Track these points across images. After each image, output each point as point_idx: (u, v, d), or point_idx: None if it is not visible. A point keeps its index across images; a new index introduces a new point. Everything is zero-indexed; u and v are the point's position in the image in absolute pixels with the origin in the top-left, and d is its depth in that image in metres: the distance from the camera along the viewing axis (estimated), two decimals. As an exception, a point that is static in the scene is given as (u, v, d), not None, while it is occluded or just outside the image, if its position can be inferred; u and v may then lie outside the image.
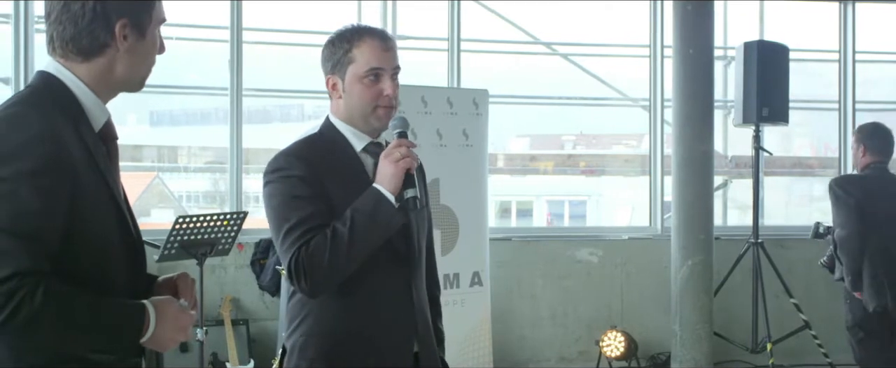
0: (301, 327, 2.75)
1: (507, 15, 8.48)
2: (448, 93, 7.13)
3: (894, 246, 5.46)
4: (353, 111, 2.77)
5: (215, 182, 8.58)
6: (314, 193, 2.65)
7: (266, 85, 8.32)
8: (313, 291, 2.63)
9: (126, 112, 8.72)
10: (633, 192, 9.07)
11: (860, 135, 5.71)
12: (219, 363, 7.03)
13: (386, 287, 2.77)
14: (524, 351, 8.06)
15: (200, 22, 8.07)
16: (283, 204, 2.66)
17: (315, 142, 2.78)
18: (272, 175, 2.71)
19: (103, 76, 2.24)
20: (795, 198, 9.88)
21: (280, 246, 2.67)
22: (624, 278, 8.25)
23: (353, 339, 2.73)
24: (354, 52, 2.73)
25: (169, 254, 5.98)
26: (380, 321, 2.76)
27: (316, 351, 2.72)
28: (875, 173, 5.56)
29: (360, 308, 2.72)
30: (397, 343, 2.81)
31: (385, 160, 2.66)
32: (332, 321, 2.72)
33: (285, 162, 2.70)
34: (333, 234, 2.58)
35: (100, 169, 2.16)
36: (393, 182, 2.63)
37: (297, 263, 2.59)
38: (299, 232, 2.61)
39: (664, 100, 8.51)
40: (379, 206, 2.62)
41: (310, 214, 2.62)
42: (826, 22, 9.05)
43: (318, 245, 2.58)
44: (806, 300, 7.92)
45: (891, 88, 9.67)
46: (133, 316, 2.15)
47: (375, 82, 2.74)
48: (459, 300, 6.88)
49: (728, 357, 8.11)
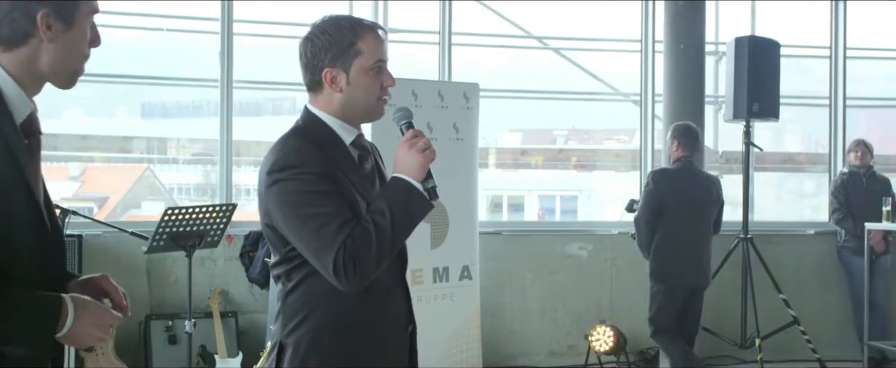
0: (307, 322, 2.69)
1: (498, 9, 8.48)
2: (439, 87, 7.12)
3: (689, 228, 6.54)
4: (356, 104, 2.74)
5: (206, 174, 8.57)
6: (333, 188, 2.60)
7: (258, 77, 8.31)
8: (361, 284, 2.58)
9: (116, 104, 8.72)
10: (624, 187, 9.07)
11: (675, 133, 6.65)
12: (207, 355, 7.02)
13: (386, 281, 2.76)
14: (514, 346, 8.07)
15: (192, 13, 8.05)
16: (307, 201, 2.59)
17: (308, 137, 2.74)
18: (283, 173, 2.62)
19: (27, 67, 2.16)
20: (785, 194, 9.90)
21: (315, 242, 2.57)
22: (614, 273, 8.26)
23: (363, 332, 2.71)
24: (360, 45, 2.70)
25: (158, 246, 5.97)
26: (384, 313, 2.76)
27: (328, 348, 2.69)
28: (683, 166, 6.60)
29: (366, 302, 2.70)
30: (399, 334, 2.83)
31: (410, 150, 2.63)
32: (342, 315, 2.69)
33: (296, 159, 2.63)
34: (376, 226, 2.55)
35: (14, 160, 2.09)
36: (419, 172, 2.62)
37: (345, 257, 2.52)
38: (336, 225, 2.54)
39: (655, 95, 8.52)
40: (411, 196, 2.61)
41: (339, 208, 2.57)
42: (817, 18, 9.07)
43: (362, 237, 2.54)
44: (795, 296, 7.93)
45: (881, 85, 9.70)
46: (49, 309, 2.08)
47: (379, 74, 2.74)
48: (449, 293, 6.88)
49: (717, 353, 8.13)
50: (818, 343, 7.79)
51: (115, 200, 9.46)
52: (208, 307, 7.17)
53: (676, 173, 6.64)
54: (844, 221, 8.25)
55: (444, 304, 6.84)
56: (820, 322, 8.29)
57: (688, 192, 6.58)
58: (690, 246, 6.61)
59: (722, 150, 9.05)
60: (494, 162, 9.33)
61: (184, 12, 8.03)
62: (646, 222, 6.59)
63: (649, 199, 6.58)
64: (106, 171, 9.28)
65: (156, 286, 7.44)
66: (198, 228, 6.04)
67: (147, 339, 7.12)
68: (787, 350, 8.14)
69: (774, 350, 7.95)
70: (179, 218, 5.95)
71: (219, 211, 6.13)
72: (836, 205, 8.31)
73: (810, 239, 8.71)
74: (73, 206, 6.88)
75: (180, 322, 6.75)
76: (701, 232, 6.65)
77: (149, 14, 8.02)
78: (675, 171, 6.66)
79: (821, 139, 9.32)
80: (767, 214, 9.18)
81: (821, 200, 8.74)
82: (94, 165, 8.88)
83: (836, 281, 8.56)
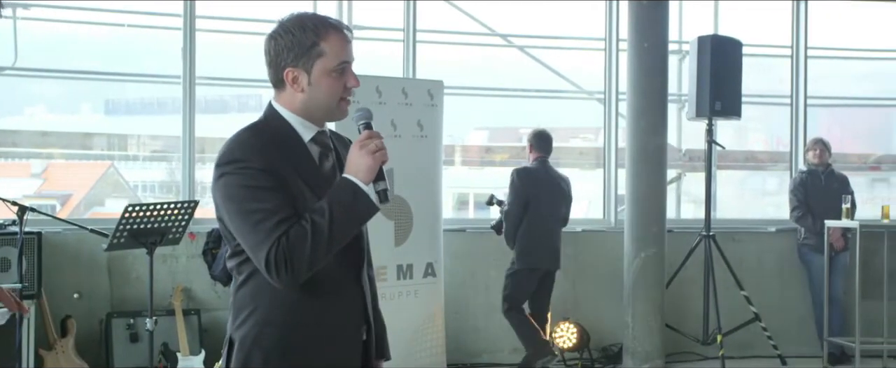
0: (253, 317, 2.70)
1: (463, 6, 8.49)
2: (403, 84, 7.12)
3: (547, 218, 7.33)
4: (318, 104, 2.72)
5: (171, 171, 8.51)
6: (276, 184, 2.59)
7: (221, 74, 8.27)
8: (293, 282, 2.58)
9: (79, 100, 8.63)
10: (588, 185, 9.11)
11: (530, 138, 7.49)
12: (169, 353, 6.99)
13: (337, 276, 2.74)
14: (478, 343, 8.08)
15: (155, 9, 7.99)
16: (248, 196, 2.58)
17: (263, 132, 2.72)
18: (228, 166, 2.61)
19: None
20: (748, 192, 9.98)
21: (251, 237, 2.57)
22: (577, 270, 8.30)
23: (308, 329, 2.70)
24: (323, 45, 2.67)
25: (118, 243, 5.92)
26: (333, 310, 2.73)
27: (271, 341, 2.67)
28: (539, 165, 7.41)
29: (313, 298, 2.69)
30: (349, 333, 2.79)
31: (361, 151, 2.60)
32: (287, 311, 2.68)
33: (240, 153, 2.62)
34: (313, 225, 2.54)
35: None
36: (368, 174, 2.58)
37: (277, 255, 2.52)
38: (272, 223, 2.54)
39: (619, 93, 8.56)
40: (357, 198, 2.58)
41: (278, 205, 2.56)
42: (779, 17, 9.14)
43: (297, 236, 2.53)
44: (756, 292, 8.02)
45: (842, 83, 9.79)
46: None
47: (342, 75, 2.72)
48: (413, 291, 6.89)
49: (679, 349, 8.19)
50: (779, 340, 7.88)
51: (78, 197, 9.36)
52: (170, 304, 7.13)
53: (536, 171, 7.40)
54: (804, 219, 8.33)
55: (408, 301, 6.84)
56: (781, 319, 8.38)
57: (545, 187, 7.36)
58: (549, 234, 7.39)
59: (685, 148, 9.11)
60: (460, 159, 9.34)
61: (147, 8, 7.97)
62: (515, 213, 7.28)
63: (518, 193, 7.28)
64: (68, 168, 9.18)
65: (117, 283, 7.39)
66: (159, 225, 6.00)
67: (108, 337, 7.06)
68: (749, 347, 8.23)
69: (736, 346, 8.03)
70: (140, 215, 5.90)
71: (180, 207, 6.09)
72: (796, 203, 8.39)
73: (771, 237, 8.79)
74: (35, 204, 6.83)
75: (142, 320, 6.72)
76: (555, 223, 7.45)
77: (111, 10, 7.96)
78: (534, 169, 7.41)
79: (782, 137, 9.40)
80: (730, 212, 9.25)
81: (783, 198, 8.82)
82: (56, 162, 8.79)
83: (796, 277, 8.64)
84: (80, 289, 7.29)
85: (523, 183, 7.29)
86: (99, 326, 7.17)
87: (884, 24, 9.46)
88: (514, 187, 7.32)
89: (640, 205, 7.72)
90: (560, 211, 7.47)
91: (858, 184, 9.03)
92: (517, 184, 7.30)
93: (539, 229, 7.32)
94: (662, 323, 7.71)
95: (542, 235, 7.33)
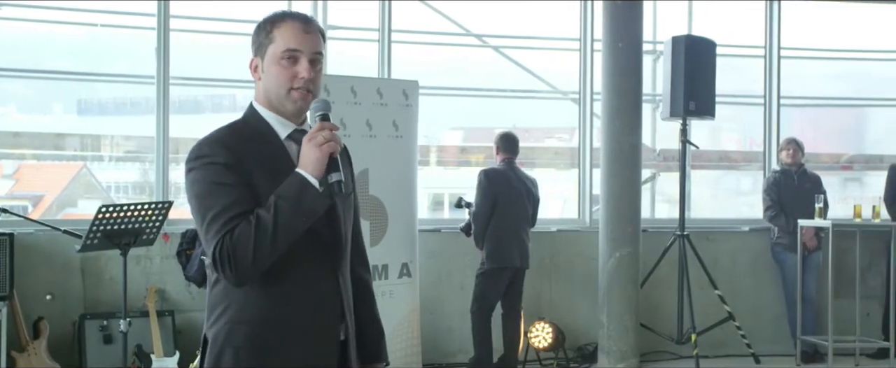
0: (225, 315, 2.70)
1: (438, 7, 8.49)
2: (378, 84, 7.11)
3: (515, 218, 7.36)
4: (270, 93, 2.74)
5: (144, 172, 8.45)
6: (238, 180, 2.60)
7: (195, 74, 8.23)
8: (239, 279, 2.59)
9: (51, 100, 8.57)
10: (563, 185, 9.14)
11: (497, 141, 7.56)
12: (143, 354, 6.94)
13: (311, 274, 2.73)
14: (453, 343, 8.09)
15: (129, 9, 7.94)
16: (206, 192, 2.61)
17: (238, 129, 2.73)
18: (194, 162, 2.64)
19: None
20: (722, 192, 10.03)
21: (204, 235, 2.61)
22: (552, 270, 8.32)
23: (279, 327, 2.69)
24: (274, 33, 2.71)
25: (91, 244, 5.88)
26: (305, 308, 2.72)
27: (242, 339, 2.67)
28: (506, 166, 7.47)
29: (285, 296, 2.69)
30: (324, 332, 2.78)
31: (308, 144, 2.59)
32: (258, 308, 2.68)
33: (208, 149, 2.64)
34: (258, 221, 2.54)
35: None
36: (317, 166, 2.58)
37: (221, 251, 2.54)
38: (223, 219, 2.56)
39: (594, 93, 8.59)
40: (303, 191, 2.57)
41: (233, 201, 2.58)
42: (752, 18, 9.20)
43: (242, 232, 2.54)
44: (730, 292, 8.07)
45: (814, 84, 9.86)
46: None
47: (292, 64, 2.71)
48: (388, 291, 6.88)
49: (654, 348, 8.23)
50: (752, 338, 7.93)
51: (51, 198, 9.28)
52: (144, 306, 7.09)
53: (503, 171, 7.45)
54: (777, 218, 8.38)
55: (384, 302, 6.79)
56: (754, 318, 8.43)
57: (513, 188, 7.40)
58: (517, 233, 7.40)
59: (659, 148, 9.15)
60: (436, 160, 9.34)
61: (120, 8, 7.92)
62: (483, 213, 7.32)
63: (486, 194, 7.32)
64: (40, 169, 9.10)
65: (90, 285, 7.33)
66: (133, 226, 5.96)
67: (81, 339, 7.01)
68: (723, 345, 8.27)
69: (710, 345, 8.08)
70: (114, 216, 5.87)
71: (155, 208, 6.06)
72: (769, 203, 8.44)
73: (745, 236, 8.84)
74: (7, 205, 6.78)
75: (115, 322, 6.68)
76: (524, 222, 7.47)
77: (85, 9, 7.91)
78: (501, 170, 7.46)
79: (756, 137, 9.46)
80: (704, 211, 9.29)
81: (756, 197, 8.87)
82: (28, 163, 8.71)
83: (769, 277, 8.70)
84: (52, 291, 7.23)
85: (490, 183, 7.33)
86: (72, 328, 7.12)
87: (856, 25, 9.54)
88: (481, 188, 7.36)
89: (614, 205, 7.75)
90: (527, 211, 7.50)
91: (831, 183, 9.11)
92: (484, 185, 7.33)
93: (507, 228, 7.35)
94: (637, 323, 7.74)
95: (510, 234, 7.36)
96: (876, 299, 8.67)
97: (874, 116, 10.30)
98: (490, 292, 7.38)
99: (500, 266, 7.34)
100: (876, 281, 8.71)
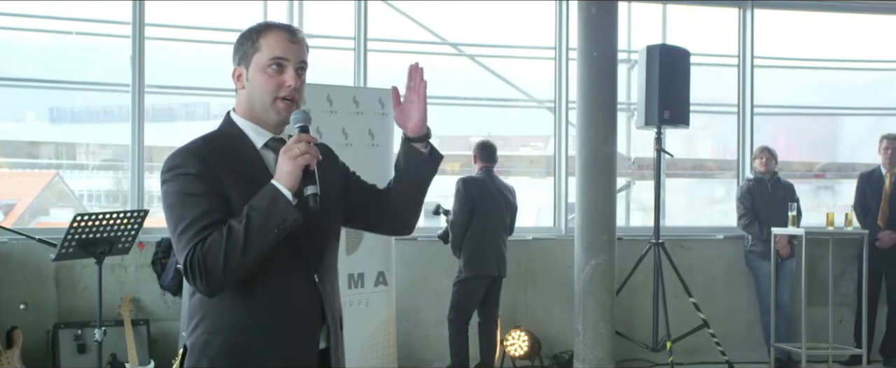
0: (202, 325, 2.70)
1: (413, 15, 8.49)
2: (354, 92, 7.11)
3: (492, 226, 7.41)
4: (254, 102, 2.74)
5: (118, 180, 8.41)
6: (210, 190, 2.60)
7: (170, 82, 8.19)
8: (210, 290, 2.59)
9: (24, 108, 8.50)
10: (538, 193, 9.16)
11: (475, 150, 7.63)
12: (118, 363, 6.90)
13: (288, 283, 2.72)
14: (429, 351, 8.08)
15: (103, 16, 7.90)
16: (179, 203, 2.61)
17: (213, 140, 2.73)
18: (168, 173, 2.65)
19: None
20: (696, 200, 10.09)
21: (176, 245, 2.61)
22: (528, 278, 8.33)
23: (256, 337, 2.69)
24: (260, 42, 2.72)
25: (66, 253, 5.84)
26: (281, 317, 2.71)
27: (217, 349, 2.68)
28: (484, 175, 7.53)
29: (260, 305, 2.68)
30: (301, 340, 2.77)
31: (284, 156, 2.59)
32: (234, 318, 2.68)
33: (181, 159, 2.65)
34: (229, 232, 2.53)
35: None
36: (290, 179, 2.57)
37: (192, 261, 2.54)
38: (195, 229, 2.56)
39: (569, 102, 8.62)
40: (275, 203, 2.56)
41: (205, 211, 2.58)
42: (726, 27, 9.27)
43: (213, 242, 2.54)
44: (704, 299, 8.10)
45: (787, 93, 9.94)
46: None
47: (278, 73, 2.71)
48: (364, 300, 6.87)
49: (629, 356, 8.26)
50: (727, 346, 7.96)
51: (23, 207, 9.21)
52: (119, 315, 7.06)
53: (481, 180, 7.50)
54: (751, 226, 8.44)
55: (360, 310, 6.82)
56: (728, 325, 8.47)
57: (490, 196, 7.46)
58: (495, 241, 7.45)
59: (634, 157, 9.19)
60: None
61: (94, 15, 7.88)
62: (461, 222, 7.36)
63: (464, 202, 7.36)
64: (12, 177, 9.03)
65: (64, 294, 7.28)
66: (108, 235, 5.93)
67: (55, 348, 6.97)
68: (698, 353, 8.30)
69: (685, 352, 8.11)
70: (89, 225, 5.83)
71: (130, 217, 6.03)
72: (743, 211, 8.49)
73: (719, 244, 8.89)
74: (-22, 214, 6.72)
75: (90, 331, 6.62)
76: (501, 230, 7.51)
77: (58, 17, 7.86)
78: (479, 179, 7.52)
79: (730, 146, 9.51)
80: (678, 219, 9.34)
81: (730, 205, 8.93)
82: (1, 171, 8.65)
83: (743, 284, 8.75)
84: (26, 300, 7.18)
85: (469, 191, 7.37)
86: (46, 337, 7.07)
87: (829, 34, 9.63)
88: (459, 196, 7.39)
89: (590, 213, 7.76)
90: (505, 219, 7.54)
91: (804, 191, 9.18)
92: (462, 193, 7.37)
93: (485, 237, 7.39)
94: (613, 330, 7.76)
95: (488, 242, 7.40)
96: (848, 306, 8.74)
97: (847, 125, 10.39)
98: (467, 300, 7.41)
99: (477, 274, 7.37)
100: (848, 289, 8.78)
